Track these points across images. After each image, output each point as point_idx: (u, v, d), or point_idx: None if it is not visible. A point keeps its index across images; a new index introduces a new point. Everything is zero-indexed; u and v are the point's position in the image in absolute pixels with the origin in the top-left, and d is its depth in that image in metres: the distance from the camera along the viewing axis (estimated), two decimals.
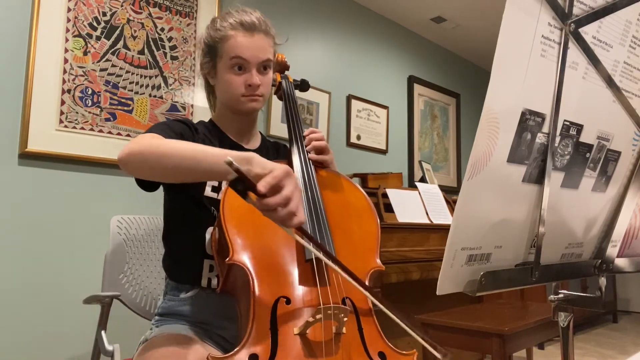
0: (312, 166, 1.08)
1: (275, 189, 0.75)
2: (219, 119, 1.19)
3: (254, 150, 1.18)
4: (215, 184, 1.07)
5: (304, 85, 1.37)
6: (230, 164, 0.70)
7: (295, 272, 0.90)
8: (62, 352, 1.92)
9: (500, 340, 1.68)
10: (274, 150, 1.27)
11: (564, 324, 0.71)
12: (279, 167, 0.77)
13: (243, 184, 0.73)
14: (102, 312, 1.36)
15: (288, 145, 1.17)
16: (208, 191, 1.06)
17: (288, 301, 0.86)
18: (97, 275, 1.91)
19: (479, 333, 1.73)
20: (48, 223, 1.92)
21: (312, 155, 1.12)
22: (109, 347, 1.27)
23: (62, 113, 1.96)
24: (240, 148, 1.16)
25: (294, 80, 1.34)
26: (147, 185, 0.98)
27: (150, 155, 0.86)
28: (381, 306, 0.85)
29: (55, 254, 1.93)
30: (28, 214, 1.88)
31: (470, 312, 2.03)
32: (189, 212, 1.07)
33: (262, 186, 0.73)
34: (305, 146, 1.13)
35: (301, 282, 0.89)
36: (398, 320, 0.85)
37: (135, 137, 0.93)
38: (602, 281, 0.71)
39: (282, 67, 1.33)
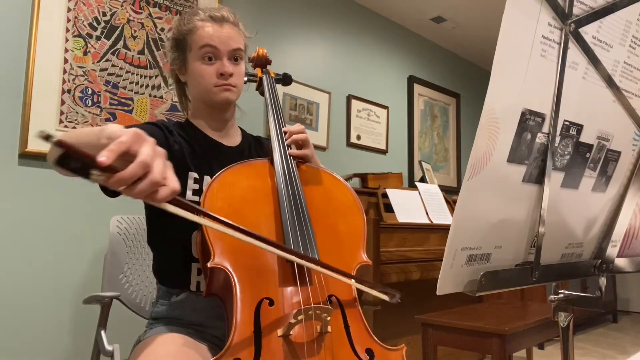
0: (293, 162, 1.06)
1: (126, 157, 0.60)
2: (194, 117, 1.17)
3: (235, 147, 1.17)
4: (197, 187, 1.06)
5: (286, 80, 1.35)
6: (46, 137, 0.52)
7: (277, 273, 0.90)
8: (62, 352, 1.92)
9: (500, 340, 1.68)
10: (257, 144, 1.25)
11: (564, 324, 0.71)
12: (127, 131, 0.62)
13: (77, 160, 0.55)
14: (102, 312, 1.36)
15: (270, 142, 1.15)
16: (189, 195, 1.04)
17: (271, 302, 0.85)
18: (97, 275, 1.91)
19: (479, 333, 1.73)
20: (48, 223, 1.92)
21: (292, 151, 1.09)
22: (108, 347, 1.27)
23: (62, 113, 1.96)
24: (219, 145, 1.14)
25: (276, 74, 1.32)
26: (107, 191, 0.92)
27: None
28: (345, 279, 0.84)
29: (55, 253, 1.93)
30: (28, 214, 1.88)
31: (470, 312, 2.03)
32: (172, 218, 1.06)
33: (103, 157, 0.56)
34: (286, 140, 1.10)
35: (284, 283, 0.89)
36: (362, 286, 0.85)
37: None
38: (602, 281, 0.71)
39: (263, 62, 1.31)
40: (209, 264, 0.87)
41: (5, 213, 1.83)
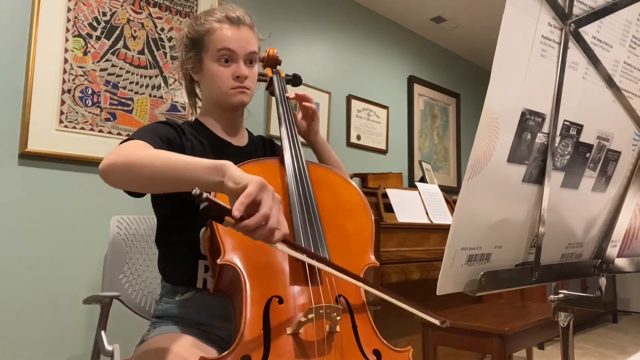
0: (303, 161, 1.07)
1: (251, 208, 0.72)
2: (204, 116, 1.17)
3: (242, 147, 1.18)
4: None
5: (296, 80, 1.35)
6: (199, 195, 0.66)
7: (287, 271, 0.90)
8: (62, 352, 1.91)
9: (500, 340, 1.68)
10: (262, 145, 1.26)
11: (564, 324, 0.71)
12: (252, 182, 0.73)
13: (216, 210, 0.69)
14: (102, 312, 1.36)
15: (280, 142, 1.16)
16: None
17: (280, 301, 0.86)
18: (97, 275, 1.91)
19: (479, 333, 1.73)
20: (48, 223, 1.92)
21: (306, 104, 1.22)
22: (108, 347, 1.27)
23: (62, 113, 1.96)
24: (228, 145, 1.15)
25: (286, 75, 1.32)
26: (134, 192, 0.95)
27: (128, 166, 0.83)
28: (380, 293, 0.85)
29: (55, 254, 1.93)
30: (28, 214, 1.88)
31: (470, 312, 2.03)
32: (179, 214, 1.06)
33: (236, 211, 0.70)
34: (289, 97, 1.20)
35: (293, 282, 0.89)
36: (399, 303, 0.85)
37: (117, 146, 0.90)
38: (602, 281, 0.71)
39: (273, 62, 1.31)
40: (218, 261, 0.87)
41: (5, 213, 1.83)
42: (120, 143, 0.94)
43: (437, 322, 0.90)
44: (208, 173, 0.78)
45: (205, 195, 0.67)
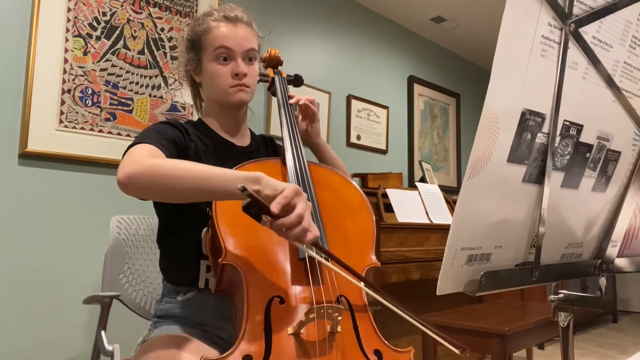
0: (305, 161, 1.07)
1: (287, 208, 0.78)
2: (207, 117, 1.17)
3: (245, 147, 1.19)
4: None
5: (297, 81, 1.36)
6: (243, 190, 0.73)
7: (288, 271, 0.90)
8: (62, 352, 1.91)
9: (500, 340, 1.68)
10: (263, 144, 1.26)
11: (564, 324, 0.71)
12: (288, 187, 0.79)
13: (257, 207, 0.76)
14: (102, 312, 1.36)
15: (281, 142, 1.16)
16: None
17: (282, 301, 0.86)
18: (97, 275, 1.91)
19: (479, 333, 1.73)
20: (48, 223, 1.92)
21: (304, 102, 1.23)
22: (108, 347, 1.27)
23: (62, 113, 1.96)
24: (231, 146, 1.15)
25: (288, 75, 1.32)
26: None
27: (157, 177, 0.83)
28: (386, 302, 0.85)
29: (55, 254, 1.93)
30: (28, 214, 1.88)
31: (470, 312, 2.03)
32: (182, 214, 1.06)
33: (274, 207, 0.76)
34: (293, 103, 1.21)
35: (295, 281, 0.89)
36: (408, 317, 0.85)
37: (130, 153, 0.89)
38: (602, 281, 0.71)
39: (275, 62, 1.32)
40: (219, 261, 0.87)
41: (5, 213, 1.83)
42: (128, 148, 0.93)
43: (456, 350, 0.89)
44: (245, 183, 0.81)
45: (248, 191, 0.73)
